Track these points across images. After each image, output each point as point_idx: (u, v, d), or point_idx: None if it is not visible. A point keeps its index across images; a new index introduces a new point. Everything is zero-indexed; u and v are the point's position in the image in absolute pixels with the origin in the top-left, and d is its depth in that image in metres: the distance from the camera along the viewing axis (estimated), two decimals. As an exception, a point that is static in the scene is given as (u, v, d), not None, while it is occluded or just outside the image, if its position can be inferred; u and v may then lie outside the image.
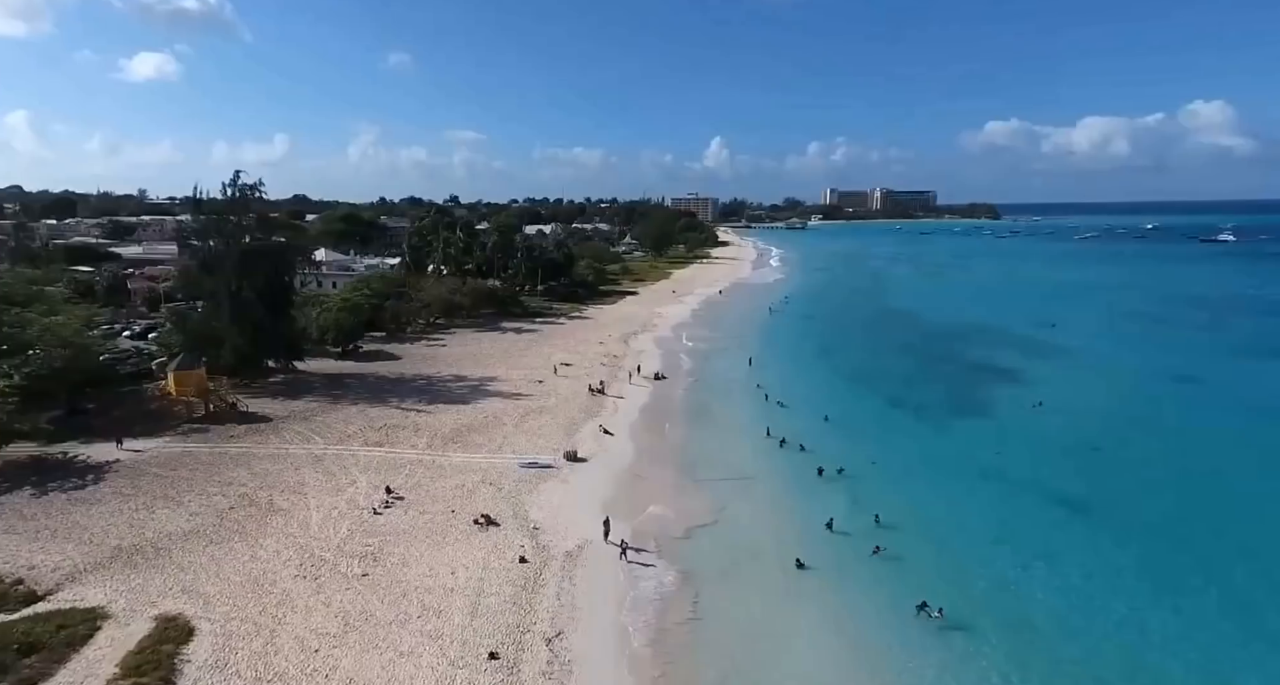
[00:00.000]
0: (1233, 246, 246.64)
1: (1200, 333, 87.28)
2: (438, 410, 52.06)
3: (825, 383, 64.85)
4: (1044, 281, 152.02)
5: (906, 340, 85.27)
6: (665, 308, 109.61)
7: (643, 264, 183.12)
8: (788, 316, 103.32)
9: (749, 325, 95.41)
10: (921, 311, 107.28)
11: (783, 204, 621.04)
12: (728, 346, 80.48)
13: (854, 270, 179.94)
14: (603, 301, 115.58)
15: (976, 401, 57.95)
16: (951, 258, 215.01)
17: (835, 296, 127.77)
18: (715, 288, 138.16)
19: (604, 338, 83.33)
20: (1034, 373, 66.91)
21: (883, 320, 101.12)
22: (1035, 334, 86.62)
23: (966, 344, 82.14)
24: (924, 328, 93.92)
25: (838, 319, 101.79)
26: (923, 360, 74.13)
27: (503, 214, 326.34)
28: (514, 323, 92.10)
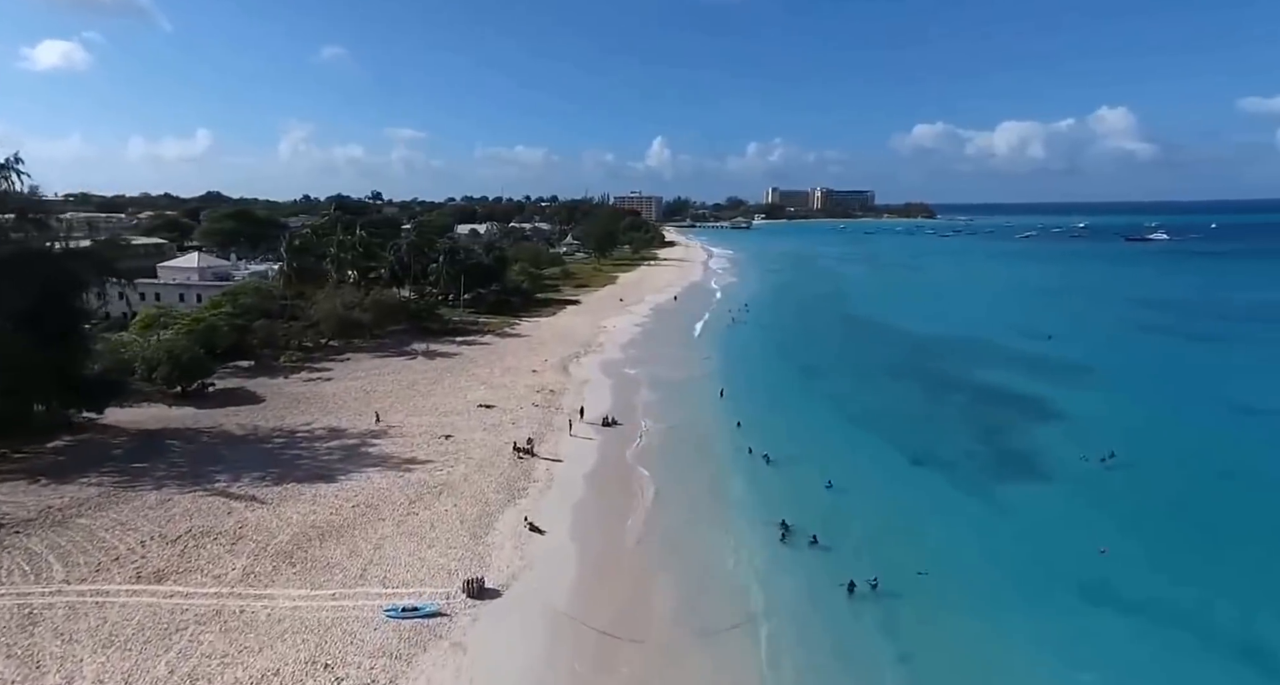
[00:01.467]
0: (1167, 245, 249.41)
1: (1210, 345, 78.14)
2: (284, 496, 35.38)
3: (815, 423, 51.08)
4: (1008, 283, 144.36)
5: (893, 358, 72.84)
6: (612, 319, 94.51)
7: (586, 267, 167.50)
8: (753, 328, 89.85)
9: (711, 341, 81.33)
10: (897, 320, 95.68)
11: (725, 203, 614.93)
12: (690, 370, 66.08)
13: (810, 272, 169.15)
14: (539, 312, 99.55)
15: (1017, 452, 45.13)
16: (905, 258, 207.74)
17: (799, 302, 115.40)
18: (666, 293, 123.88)
19: (538, 363, 67.54)
20: (1065, 403, 54.96)
21: (859, 331, 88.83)
22: (1035, 348, 75.61)
23: (963, 362, 70.22)
24: (908, 341, 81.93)
25: (808, 330, 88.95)
26: (922, 386, 61.49)
27: (434, 212, 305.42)
28: (429, 343, 75.17)
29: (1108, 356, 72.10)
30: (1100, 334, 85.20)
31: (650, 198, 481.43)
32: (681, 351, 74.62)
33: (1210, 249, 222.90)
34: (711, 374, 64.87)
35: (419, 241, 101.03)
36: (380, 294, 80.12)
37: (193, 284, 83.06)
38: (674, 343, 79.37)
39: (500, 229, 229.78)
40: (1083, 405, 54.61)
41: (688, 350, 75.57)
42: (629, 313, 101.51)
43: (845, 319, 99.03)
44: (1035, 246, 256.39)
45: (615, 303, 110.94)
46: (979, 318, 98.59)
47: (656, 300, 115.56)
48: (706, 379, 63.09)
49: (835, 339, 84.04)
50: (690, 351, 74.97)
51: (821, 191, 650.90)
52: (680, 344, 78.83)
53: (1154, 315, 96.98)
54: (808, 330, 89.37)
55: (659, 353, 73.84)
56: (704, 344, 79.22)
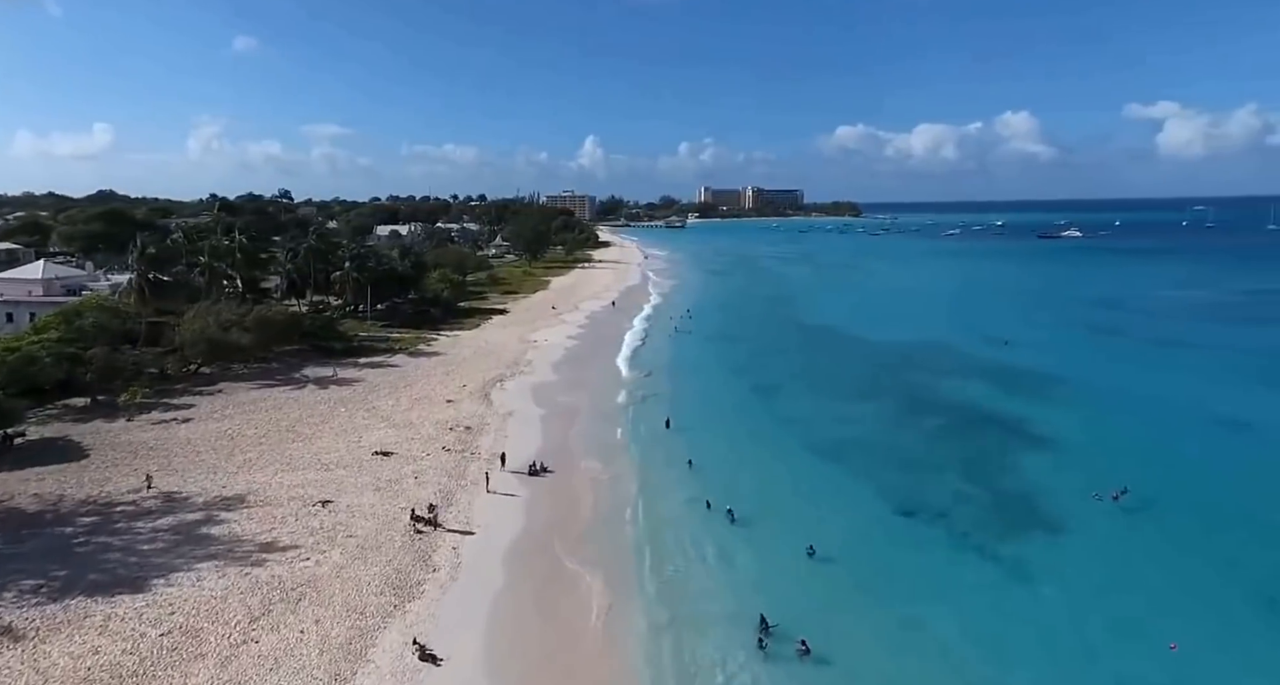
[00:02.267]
0: (1081, 242, 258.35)
1: (1170, 349, 75.43)
2: (60, 621, 24.56)
3: (778, 459, 43.49)
4: (949, 282, 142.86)
5: (853, 371, 66.60)
6: (544, 331, 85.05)
7: (516, 270, 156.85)
8: (698, 338, 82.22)
9: (653, 355, 73.14)
10: (849, 326, 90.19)
11: (659, 202, 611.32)
12: (631, 393, 57.71)
13: (752, 273, 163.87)
14: (461, 325, 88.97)
15: (1016, 493, 38.56)
16: (843, 257, 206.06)
17: (744, 308, 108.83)
18: (603, 299, 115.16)
19: (455, 390, 57.60)
20: (1048, 423, 49.31)
21: (811, 340, 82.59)
22: (997, 356, 70.98)
23: (928, 375, 64.57)
24: (864, 350, 76.12)
25: (757, 340, 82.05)
26: (889, 406, 55.03)
27: (352, 212, 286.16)
28: (325, 367, 63.91)
29: (1072, 364, 67.94)
30: (1055, 338, 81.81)
31: (583, 197, 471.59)
32: (621, 370, 66.06)
33: (1123, 246, 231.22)
34: (656, 396, 56.63)
35: (320, 246, 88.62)
36: (267, 309, 67.99)
37: (29, 300, 68.57)
38: (613, 358, 70.72)
39: (424, 230, 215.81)
40: (1067, 426, 49.16)
41: (628, 368, 67.08)
42: (562, 323, 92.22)
43: (795, 326, 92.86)
44: (962, 244, 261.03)
45: (547, 311, 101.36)
46: (930, 321, 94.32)
47: (592, 307, 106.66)
48: (650, 403, 54.79)
49: (787, 350, 77.38)
50: (631, 369, 66.52)
51: (753, 190, 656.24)
52: (619, 360, 70.27)
53: (1101, 316, 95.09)
54: (756, 340, 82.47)
55: (596, 372, 65.07)
56: (646, 359, 70.90)
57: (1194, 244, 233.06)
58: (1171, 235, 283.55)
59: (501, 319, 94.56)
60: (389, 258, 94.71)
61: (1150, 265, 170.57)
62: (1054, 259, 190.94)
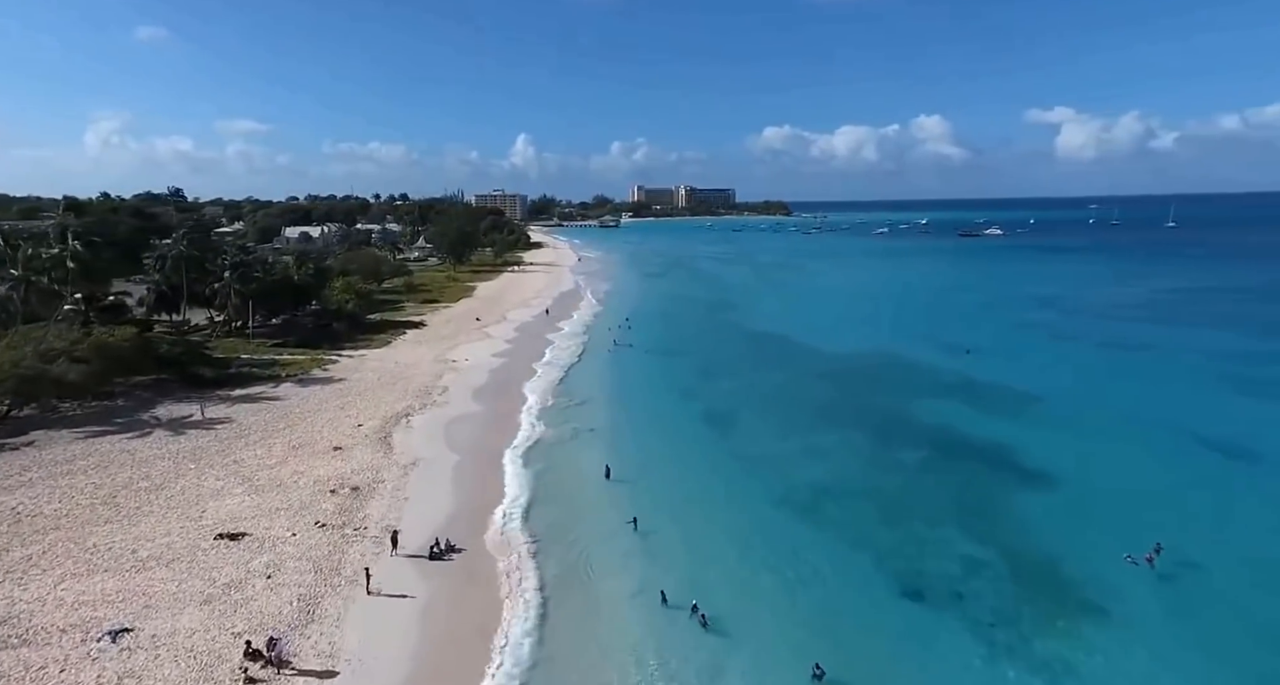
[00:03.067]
0: (1004, 240, 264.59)
1: (1136, 354, 72.15)
2: None
3: (748, 523, 35.25)
4: (891, 284, 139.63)
5: (814, 392, 59.61)
6: (465, 348, 74.74)
7: (439, 275, 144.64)
8: (639, 353, 73.75)
9: (589, 377, 64.23)
10: (801, 334, 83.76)
11: (592, 201, 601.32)
12: (563, 427, 48.70)
13: (690, 275, 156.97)
14: (369, 342, 77.45)
15: (1035, 561, 31.42)
16: (781, 257, 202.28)
17: (686, 314, 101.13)
18: (534, 307, 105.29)
19: (347, 432, 47.03)
20: (1043, 455, 43.23)
21: (762, 353, 75.49)
22: (964, 368, 65.64)
23: (896, 395, 58.24)
24: (821, 364, 69.51)
25: (704, 354, 74.29)
26: (864, 438, 47.92)
27: (260, 212, 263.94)
28: (189, 402, 51.92)
29: (1043, 376, 63.13)
30: (1015, 345, 77.53)
31: (514, 196, 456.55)
32: (552, 398, 56.77)
33: (1044, 243, 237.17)
34: (593, 433, 47.82)
35: (192, 252, 75.10)
36: (109, 333, 55.02)
37: None
38: (544, 382, 61.34)
39: (340, 232, 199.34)
40: (1065, 457, 43.17)
41: (561, 393, 57.89)
42: (487, 337, 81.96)
43: (741, 335, 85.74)
44: (894, 243, 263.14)
45: (470, 323, 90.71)
46: (882, 327, 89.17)
47: (522, 317, 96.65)
48: (587, 442, 45.98)
49: (737, 365, 69.93)
50: (564, 395, 57.38)
51: (686, 190, 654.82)
52: (550, 383, 60.95)
53: (1051, 318, 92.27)
54: (702, 353, 74.70)
55: (523, 402, 55.59)
56: (582, 383, 61.92)
57: (1107, 241, 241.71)
58: (1084, 233, 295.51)
59: (417, 334, 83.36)
60: (281, 265, 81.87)
61: (1076, 263, 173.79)
62: (984, 257, 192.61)
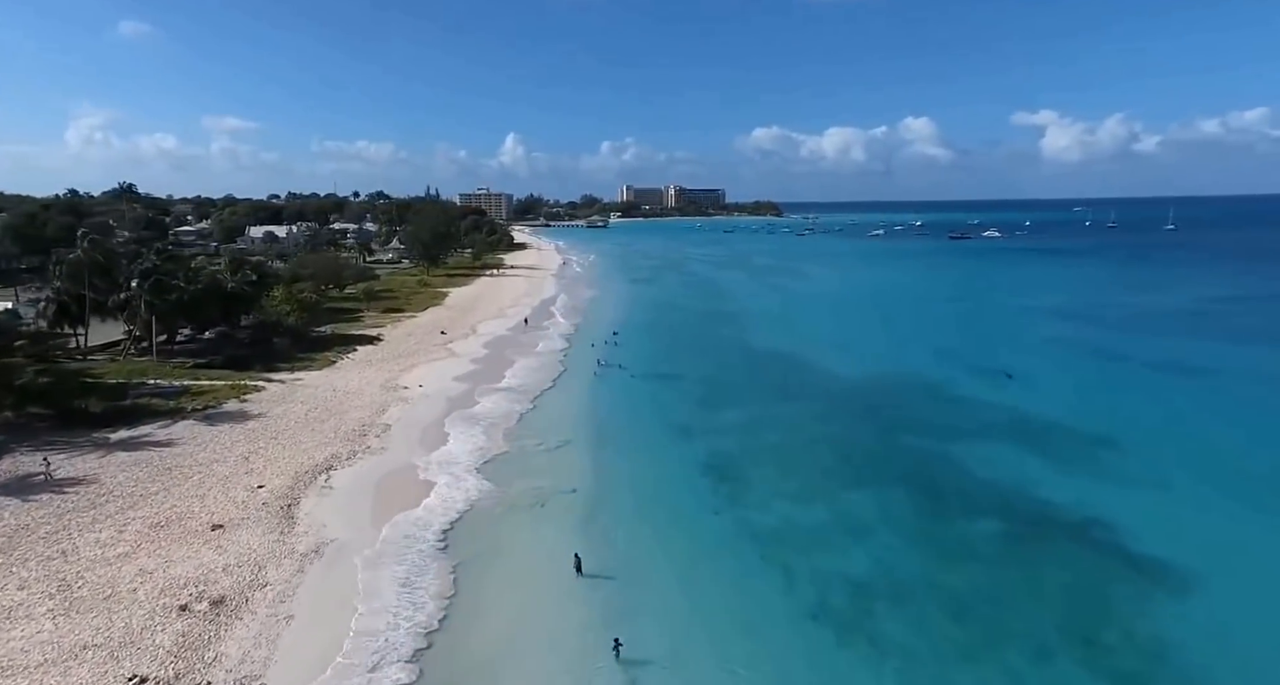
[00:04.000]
0: (1003, 242, 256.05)
1: (1206, 380, 62.44)
2: None
3: (773, 651, 25.00)
4: (898, 290, 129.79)
5: (839, 435, 49.26)
6: (421, 371, 63.89)
7: (410, 278, 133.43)
8: (625, 378, 63.20)
9: (565, 410, 53.55)
10: (810, 353, 73.57)
11: (581, 201, 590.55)
12: (525, 484, 38.06)
13: (683, 281, 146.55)
14: (310, 362, 66.32)
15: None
16: (777, 260, 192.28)
17: (679, 328, 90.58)
18: (510, 317, 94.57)
19: (238, 498, 36.03)
20: (1156, 534, 32.94)
21: (768, 377, 65.14)
22: (1009, 399, 55.58)
23: (939, 439, 47.86)
24: (841, 394, 59.32)
25: (701, 379, 63.87)
26: (913, 504, 37.59)
27: (226, 210, 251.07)
28: (48, 450, 40.67)
29: (1109, 411, 52.99)
30: (1059, 367, 67.65)
31: (499, 195, 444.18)
32: (518, 442, 46.02)
33: (1046, 246, 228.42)
34: (565, 497, 37.23)
35: (94, 257, 63.59)
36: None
37: None
38: (509, 418, 50.58)
39: (307, 231, 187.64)
40: (1188, 539, 33.01)
41: (529, 435, 47.16)
42: (450, 355, 71.09)
43: (742, 353, 75.35)
44: (891, 245, 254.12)
45: (434, 338, 79.72)
46: (900, 344, 79.11)
47: (495, 330, 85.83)
48: (555, 511, 35.42)
49: (742, 393, 59.55)
50: (529, 436, 46.71)
51: (675, 189, 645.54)
52: (516, 421, 50.20)
53: (1088, 332, 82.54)
54: (701, 377, 64.26)
55: (483, 443, 44.89)
56: (555, 418, 51.26)
57: (1110, 244, 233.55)
58: (1083, 235, 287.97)
59: (369, 352, 72.26)
60: (207, 272, 70.37)
61: (1088, 267, 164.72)
62: (989, 261, 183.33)
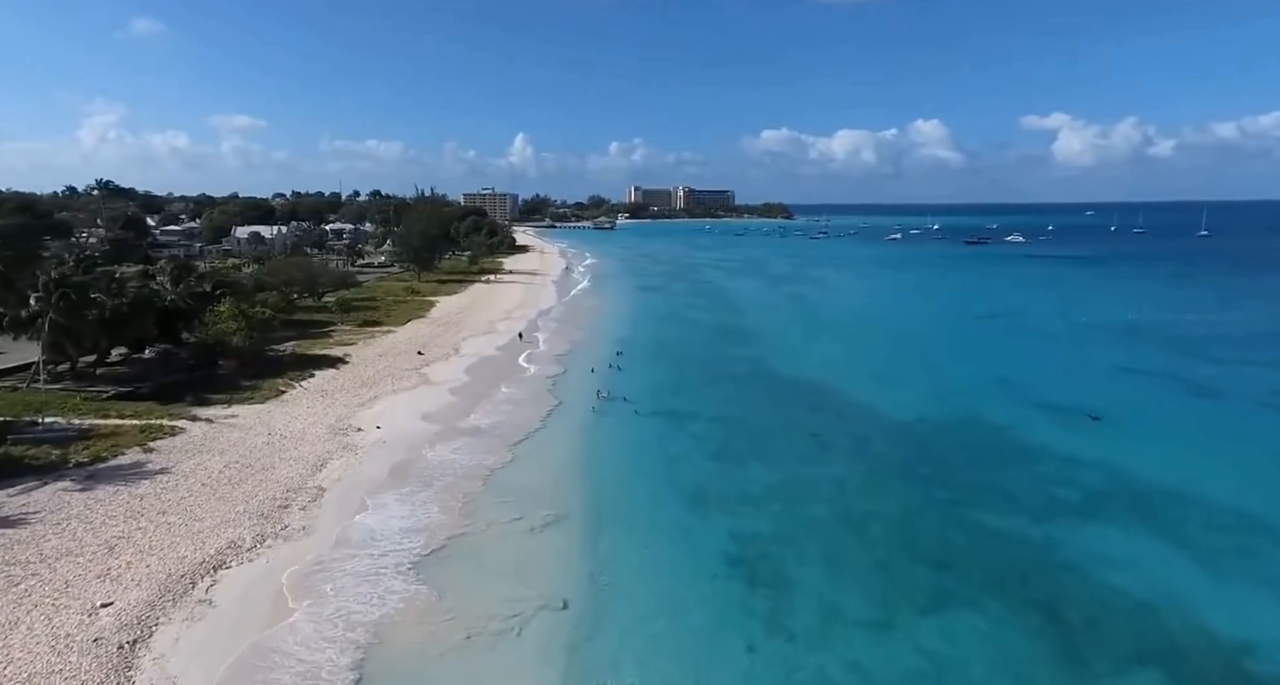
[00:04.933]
0: (1029, 248, 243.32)
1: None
2: None
3: None
4: (932, 303, 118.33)
5: (897, 506, 38.12)
6: (384, 404, 53.12)
7: (399, 284, 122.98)
8: (628, 416, 52.07)
9: (554, 465, 42.50)
10: (846, 384, 62.33)
11: (588, 202, 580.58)
12: (489, 605, 27.03)
13: (694, 289, 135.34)
14: (252, 392, 55.49)
15: None
16: (793, 266, 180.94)
17: (692, 348, 79.35)
18: (500, 333, 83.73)
19: (84, 614, 25.24)
20: None
21: (801, 417, 53.77)
22: (1107, 454, 44.15)
23: (1032, 515, 36.62)
24: (890, 441, 48.06)
25: (721, 417, 52.75)
26: (1016, 624, 26.68)
27: (215, 209, 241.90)
28: None
29: (1238, 472, 41.83)
30: (1152, 408, 55.95)
31: (503, 195, 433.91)
32: (484, 516, 35.00)
33: (1077, 253, 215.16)
34: (551, 608, 26.32)
35: None
36: None
37: None
38: (473, 479, 39.58)
39: (294, 232, 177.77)
40: None
41: (501, 505, 36.15)
42: (424, 383, 60.29)
43: (769, 383, 64.14)
44: (911, 250, 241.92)
45: (409, 359, 68.91)
46: (955, 374, 67.59)
47: (481, 349, 74.93)
48: (534, 641, 24.44)
49: (771, 439, 48.34)
50: (509, 507, 35.67)
51: (684, 191, 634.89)
52: (484, 483, 39.23)
53: (1170, 360, 70.64)
54: (720, 416, 53.10)
55: (430, 520, 33.95)
56: (538, 478, 40.22)
57: (1147, 251, 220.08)
58: (1111, 241, 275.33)
59: (329, 377, 61.48)
60: (136, 283, 59.60)
61: (1134, 278, 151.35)
62: (1020, 270, 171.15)
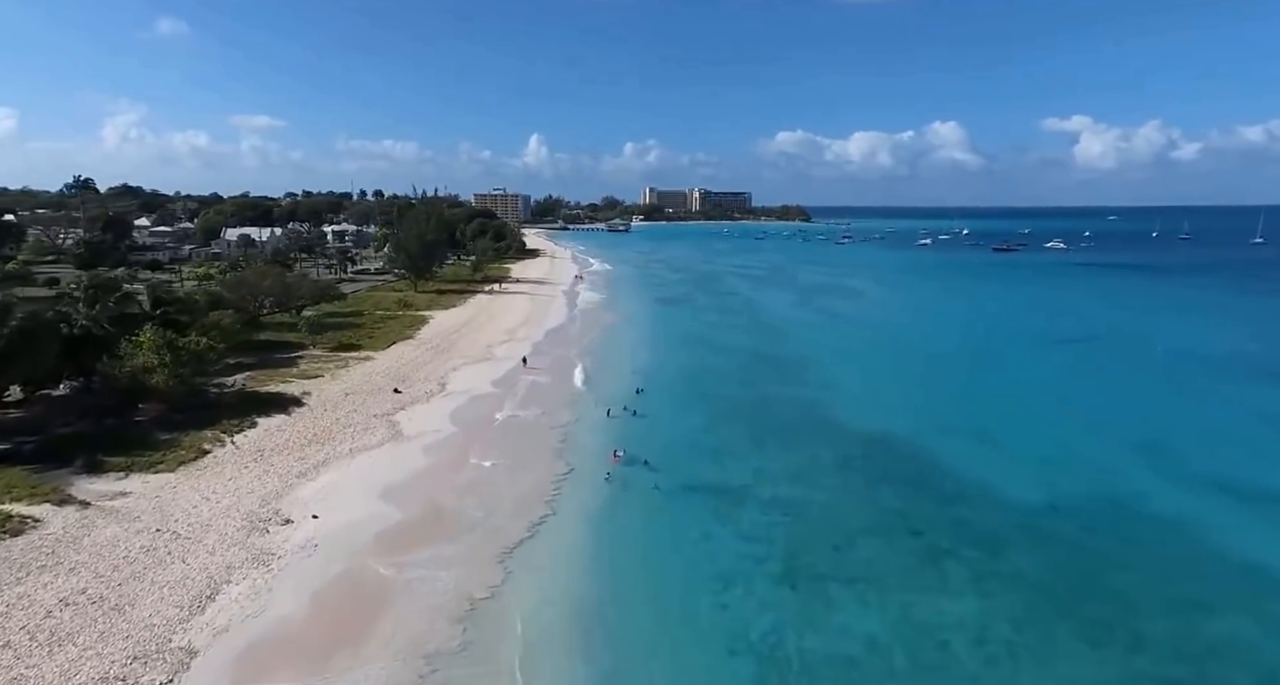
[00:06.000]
0: (1071, 256, 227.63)
1: None
2: None
3: None
4: (992, 324, 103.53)
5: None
6: (334, 473, 39.94)
7: (393, 294, 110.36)
8: (652, 497, 38.56)
9: (545, 600, 29.19)
10: (934, 445, 48.33)
11: (602, 203, 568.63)
12: None
13: (719, 302, 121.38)
14: (165, 452, 42.41)
15: None
16: (824, 275, 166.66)
17: (725, 385, 65.36)
18: (498, 361, 70.46)
19: None
20: None
21: (893, 501, 39.89)
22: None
23: None
24: (1037, 551, 34.25)
25: (777, 505, 38.98)
26: None
27: (211, 209, 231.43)
28: None
29: None
30: None
31: (515, 195, 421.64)
32: None
33: (1129, 262, 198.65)
34: None
35: None
36: None
37: None
38: (429, 637, 26.26)
39: (291, 234, 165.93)
40: None
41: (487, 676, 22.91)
42: (393, 437, 47.05)
43: (832, 439, 50.03)
44: (947, 257, 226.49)
45: (383, 399, 55.73)
46: (1069, 429, 52.79)
47: (474, 383, 61.66)
48: None
49: (853, 546, 34.50)
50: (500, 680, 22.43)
51: (699, 192, 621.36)
52: (471, 635, 25.92)
53: None
54: (773, 502, 39.32)
55: None
56: (547, 620, 26.89)
57: (1212, 262, 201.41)
58: (1157, 248, 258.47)
59: (273, 428, 48.37)
60: (24, 306, 46.58)
61: (1209, 290, 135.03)
62: (1075, 282, 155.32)
